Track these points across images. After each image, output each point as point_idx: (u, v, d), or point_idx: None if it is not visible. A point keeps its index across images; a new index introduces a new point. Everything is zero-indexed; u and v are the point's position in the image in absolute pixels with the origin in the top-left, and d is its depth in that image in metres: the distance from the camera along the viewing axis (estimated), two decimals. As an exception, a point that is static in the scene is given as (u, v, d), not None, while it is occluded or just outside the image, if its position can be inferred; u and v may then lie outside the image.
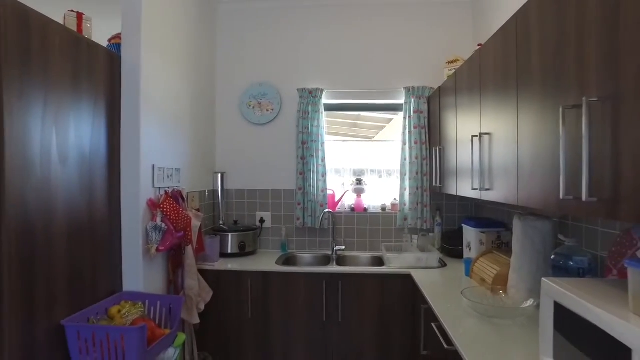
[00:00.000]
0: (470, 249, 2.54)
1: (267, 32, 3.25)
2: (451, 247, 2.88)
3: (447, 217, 3.17)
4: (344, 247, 3.10)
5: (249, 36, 3.26)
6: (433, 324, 1.84)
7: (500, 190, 1.70)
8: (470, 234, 2.52)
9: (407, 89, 3.09)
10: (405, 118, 3.10)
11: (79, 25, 2.04)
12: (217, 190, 3.10)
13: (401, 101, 3.17)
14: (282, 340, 2.64)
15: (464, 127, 2.20)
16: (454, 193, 2.42)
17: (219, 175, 3.09)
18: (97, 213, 1.91)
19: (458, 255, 2.80)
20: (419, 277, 2.41)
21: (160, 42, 2.29)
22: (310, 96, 3.11)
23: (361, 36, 3.21)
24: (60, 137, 1.67)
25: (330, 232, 3.14)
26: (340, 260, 2.99)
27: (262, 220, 3.19)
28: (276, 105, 3.20)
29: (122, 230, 2.08)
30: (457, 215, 3.15)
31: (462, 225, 2.68)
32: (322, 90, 3.13)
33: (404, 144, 3.11)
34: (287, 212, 3.22)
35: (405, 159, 3.10)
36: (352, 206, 3.24)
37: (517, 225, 1.85)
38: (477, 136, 1.94)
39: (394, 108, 3.30)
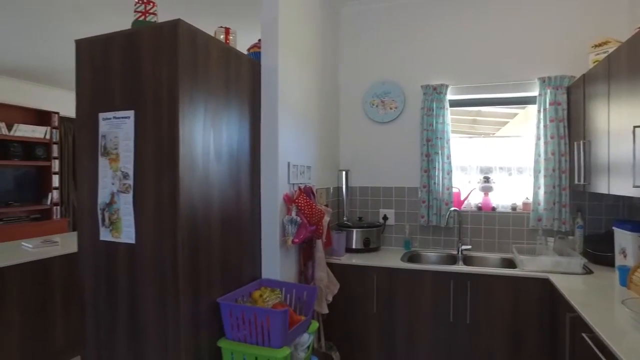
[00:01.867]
0: (625, 256, 2.24)
1: (389, 30, 3.27)
2: (597, 252, 2.58)
3: (591, 219, 2.84)
4: (470, 247, 2.98)
5: (371, 35, 3.32)
6: (584, 335, 1.67)
7: (674, 187, 1.48)
8: (626, 239, 2.23)
9: (542, 80, 2.84)
10: (539, 111, 2.86)
11: (226, 38, 2.30)
12: (342, 187, 3.22)
13: (534, 93, 2.93)
14: (407, 337, 2.64)
15: (621, 117, 1.96)
16: (605, 192, 2.16)
17: (344, 172, 3.21)
18: (242, 206, 2.12)
19: (606, 262, 2.50)
20: (559, 282, 2.21)
21: (293, 49, 2.46)
22: (434, 92, 3.05)
23: (487, 26, 3.04)
24: (215, 138, 1.89)
25: (456, 231, 3.04)
26: (467, 260, 2.89)
27: (385, 218, 3.22)
28: (399, 103, 3.21)
29: (261, 222, 2.29)
30: (604, 218, 2.81)
31: (614, 228, 2.38)
32: (446, 86, 3.05)
33: (538, 139, 2.87)
34: (411, 209, 3.20)
35: (539, 155, 2.86)
36: (479, 205, 3.10)
37: (695, 228, 1.59)
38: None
39: (524, 101, 3.07)
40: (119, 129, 1.78)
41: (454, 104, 3.16)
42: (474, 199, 3.14)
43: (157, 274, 1.70)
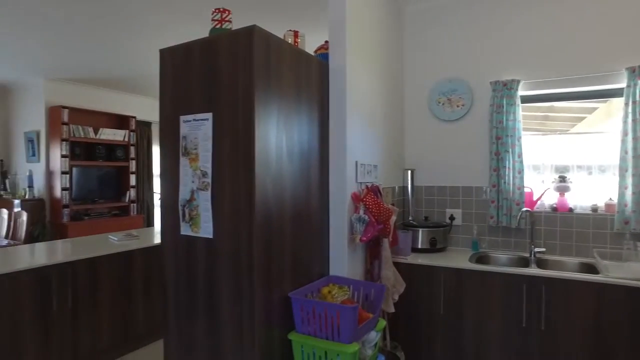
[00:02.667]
0: None
1: (455, 26, 3.18)
2: (696, 259, 2.34)
3: (689, 223, 2.57)
4: (544, 250, 2.82)
5: (436, 32, 3.25)
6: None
7: None
8: None
9: (631, 70, 2.61)
10: (627, 104, 2.63)
11: (295, 41, 2.36)
12: (407, 187, 3.18)
13: (620, 85, 2.70)
14: (475, 340, 2.56)
15: None
16: None
17: (409, 172, 3.18)
18: (312, 203, 2.17)
19: None
20: (653, 291, 2.03)
21: (359, 49, 2.47)
22: (504, 88, 2.92)
23: (563, 13, 2.84)
24: (287, 138, 1.95)
25: (528, 233, 2.89)
26: (541, 264, 2.73)
27: (452, 217, 3.14)
28: (467, 100, 3.11)
29: (330, 220, 2.32)
30: None
31: None
32: (518, 81, 2.90)
33: (625, 135, 2.64)
34: (479, 209, 3.09)
35: (626, 153, 2.64)
36: (554, 205, 2.92)
37: None
38: None
39: (607, 94, 2.83)
40: (198, 130, 1.90)
41: (526, 99, 3.00)
42: (549, 200, 2.96)
43: (233, 268, 1.79)
